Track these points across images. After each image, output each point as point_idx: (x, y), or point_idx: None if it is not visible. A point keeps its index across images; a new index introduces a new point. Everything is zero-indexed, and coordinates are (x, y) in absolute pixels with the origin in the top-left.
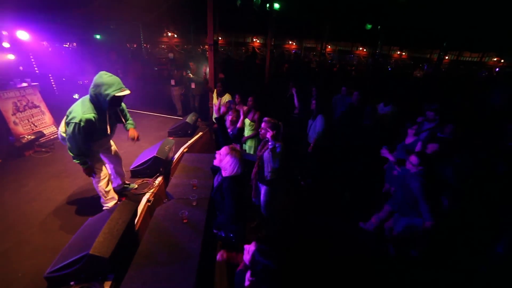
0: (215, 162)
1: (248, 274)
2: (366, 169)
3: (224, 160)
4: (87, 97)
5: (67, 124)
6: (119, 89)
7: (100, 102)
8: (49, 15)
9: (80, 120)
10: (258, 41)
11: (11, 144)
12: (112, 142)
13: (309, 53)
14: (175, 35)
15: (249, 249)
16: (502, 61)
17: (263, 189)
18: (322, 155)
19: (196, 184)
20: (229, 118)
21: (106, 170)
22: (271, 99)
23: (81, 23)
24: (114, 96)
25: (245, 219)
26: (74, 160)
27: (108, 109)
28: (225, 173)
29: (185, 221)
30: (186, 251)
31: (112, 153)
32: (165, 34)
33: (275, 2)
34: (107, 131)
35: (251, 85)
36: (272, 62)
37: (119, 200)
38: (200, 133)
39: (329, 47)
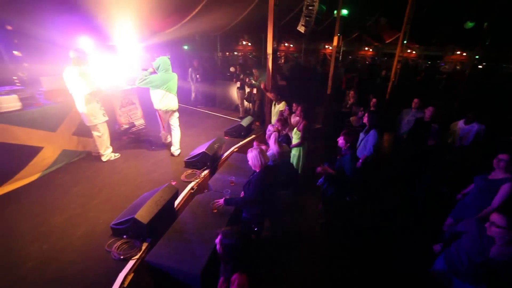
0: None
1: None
2: (424, 196)
3: (249, 159)
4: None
5: None
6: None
7: None
8: (158, 34)
9: None
10: (330, 47)
11: (115, 130)
12: None
13: (387, 60)
14: (249, 44)
15: (217, 240)
16: None
17: None
18: (373, 172)
19: (233, 181)
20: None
21: None
22: (330, 109)
23: (175, 38)
24: None
25: (272, 213)
26: None
27: None
28: (256, 169)
29: (215, 211)
30: (207, 236)
31: None
32: (240, 43)
33: (343, 8)
34: None
35: (315, 92)
36: (339, 69)
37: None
38: (253, 136)
39: (414, 52)
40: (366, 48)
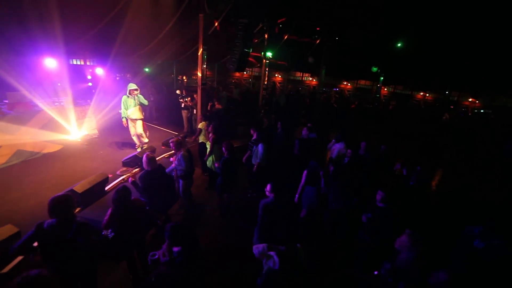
0: None
1: None
2: None
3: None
4: None
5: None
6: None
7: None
8: (118, 56)
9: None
10: (280, 76)
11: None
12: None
13: (330, 90)
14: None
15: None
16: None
17: (180, 181)
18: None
19: None
20: None
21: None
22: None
23: (136, 61)
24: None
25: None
26: None
27: None
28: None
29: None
30: None
31: None
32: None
33: (267, 51)
34: None
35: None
36: (267, 95)
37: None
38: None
39: (349, 84)
40: (311, 78)
